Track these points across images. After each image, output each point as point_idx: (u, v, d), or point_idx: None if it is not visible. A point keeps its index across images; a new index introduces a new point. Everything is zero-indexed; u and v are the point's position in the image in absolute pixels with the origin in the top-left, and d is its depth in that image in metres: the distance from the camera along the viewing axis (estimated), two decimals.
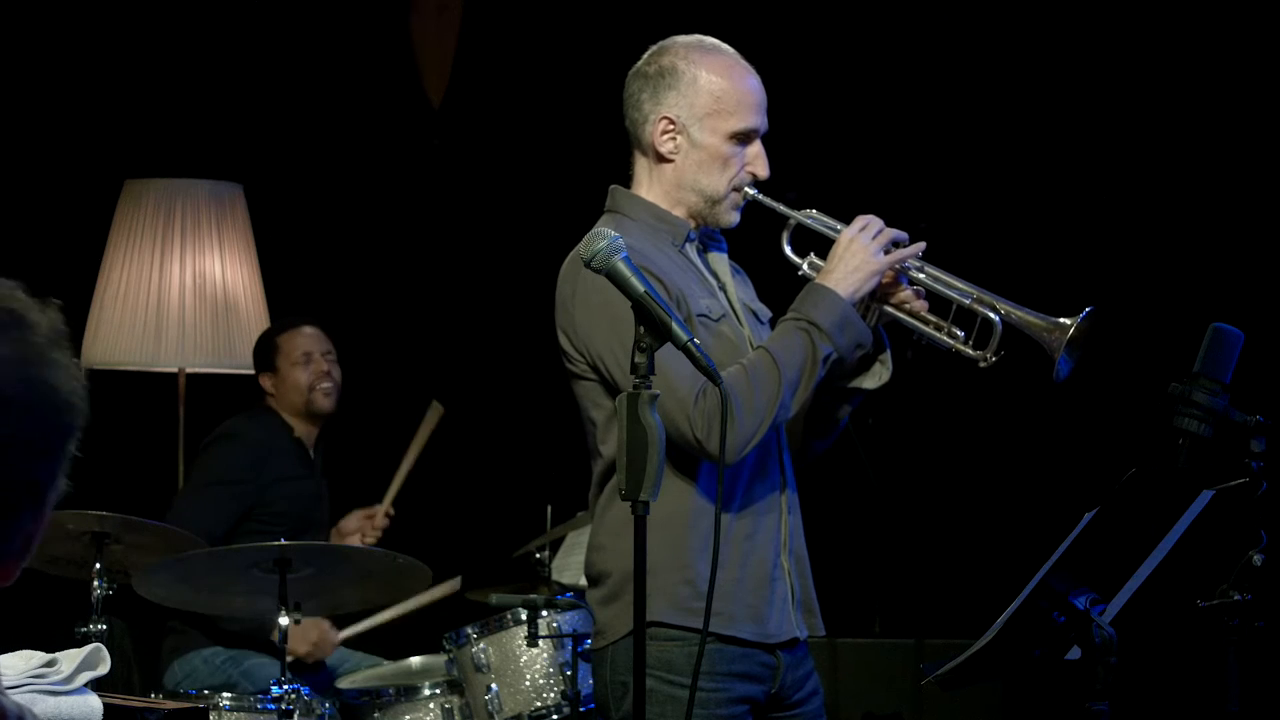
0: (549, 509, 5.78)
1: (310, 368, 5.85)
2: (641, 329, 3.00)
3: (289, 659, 4.83)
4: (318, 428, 5.90)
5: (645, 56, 3.65)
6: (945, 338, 3.56)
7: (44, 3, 6.94)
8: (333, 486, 6.01)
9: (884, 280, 3.56)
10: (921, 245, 3.58)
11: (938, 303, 3.59)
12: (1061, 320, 3.49)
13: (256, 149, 7.09)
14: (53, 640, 3.15)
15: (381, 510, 5.96)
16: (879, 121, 6.82)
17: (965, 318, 3.55)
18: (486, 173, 7.31)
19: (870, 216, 3.58)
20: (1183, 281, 6.32)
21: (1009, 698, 6.03)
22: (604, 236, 3.08)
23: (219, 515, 5.61)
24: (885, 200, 3.65)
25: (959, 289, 3.56)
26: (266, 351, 5.92)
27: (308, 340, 5.89)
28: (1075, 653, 3.40)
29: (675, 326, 3.00)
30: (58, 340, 1.74)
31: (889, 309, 3.59)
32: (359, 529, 5.92)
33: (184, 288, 6.29)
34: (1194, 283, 6.27)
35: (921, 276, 3.58)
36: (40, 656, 2.90)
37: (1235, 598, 3.40)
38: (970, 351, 3.53)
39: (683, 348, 3.01)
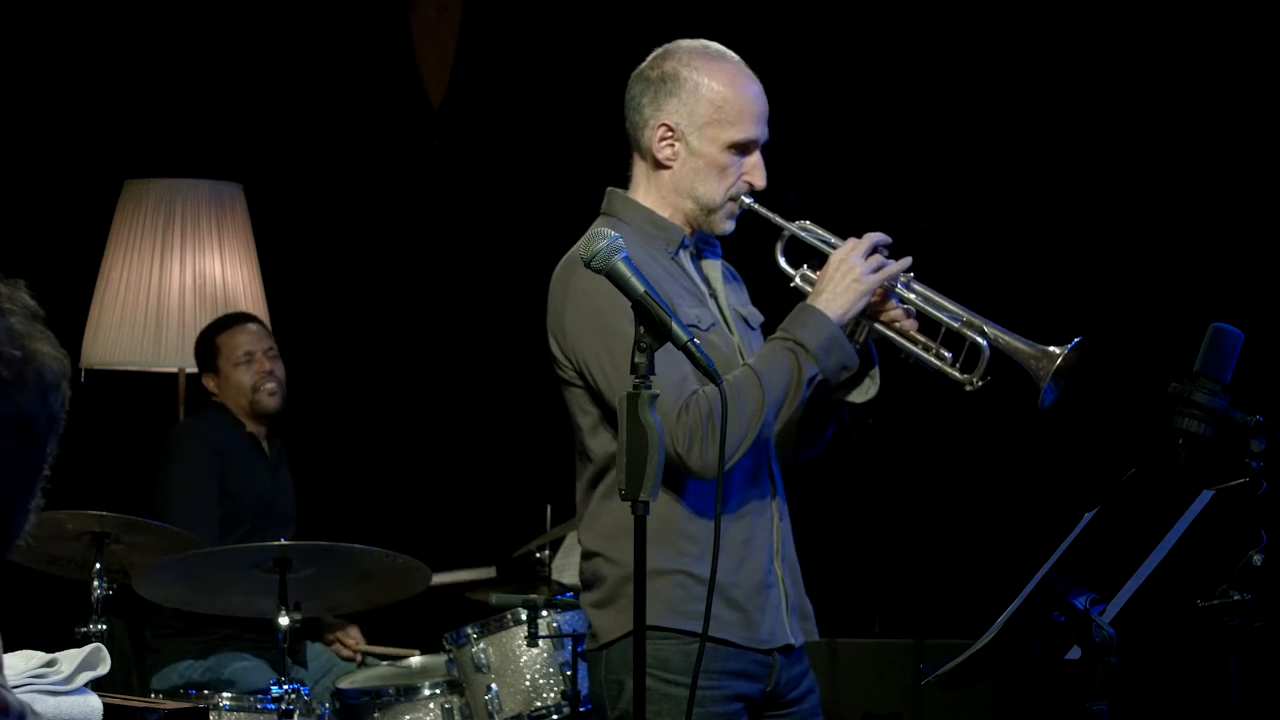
0: (549, 509, 5.78)
1: (252, 367, 5.76)
2: (641, 329, 3.01)
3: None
4: (267, 425, 5.86)
5: (649, 59, 3.64)
6: (933, 359, 3.56)
7: (44, 3, 6.94)
8: (300, 480, 5.97)
9: (874, 297, 3.57)
10: (907, 261, 3.58)
11: (927, 325, 3.59)
12: (1050, 349, 3.49)
13: (256, 149, 7.08)
14: (53, 640, 3.15)
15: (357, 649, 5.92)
16: (878, 123, 6.81)
17: (954, 340, 3.55)
18: (486, 173, 7.30)
19: (863, 238, 3.57)
20: (1183, 281, 6.32)
21: (1009, 698, 6.03)
22: (604, 237, 3.08)
23: (211, 510, 5.60)
24: (885, 200, 3.65)
25: (949, 310, 3.57)
26: (207, 352, 5.84)
27: (248, 338, 5.80)
28: (1075, 653, 3.41)
29: (675, 326, 3.00)
30: (36, 318, 1.70)
31: (879, 326, 3.60)
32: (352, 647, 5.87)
33: (184, 288, 6.29)
34: (1194, 283, 6.27)
35: (911, 295, 3.59)
36: (40, 656, 2.90)
37: (1235, 598, 3.40)
38: (957, 374, 3.54)
39: (683, 348, 3.01)
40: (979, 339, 3.52)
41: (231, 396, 5.79)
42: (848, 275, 3.54)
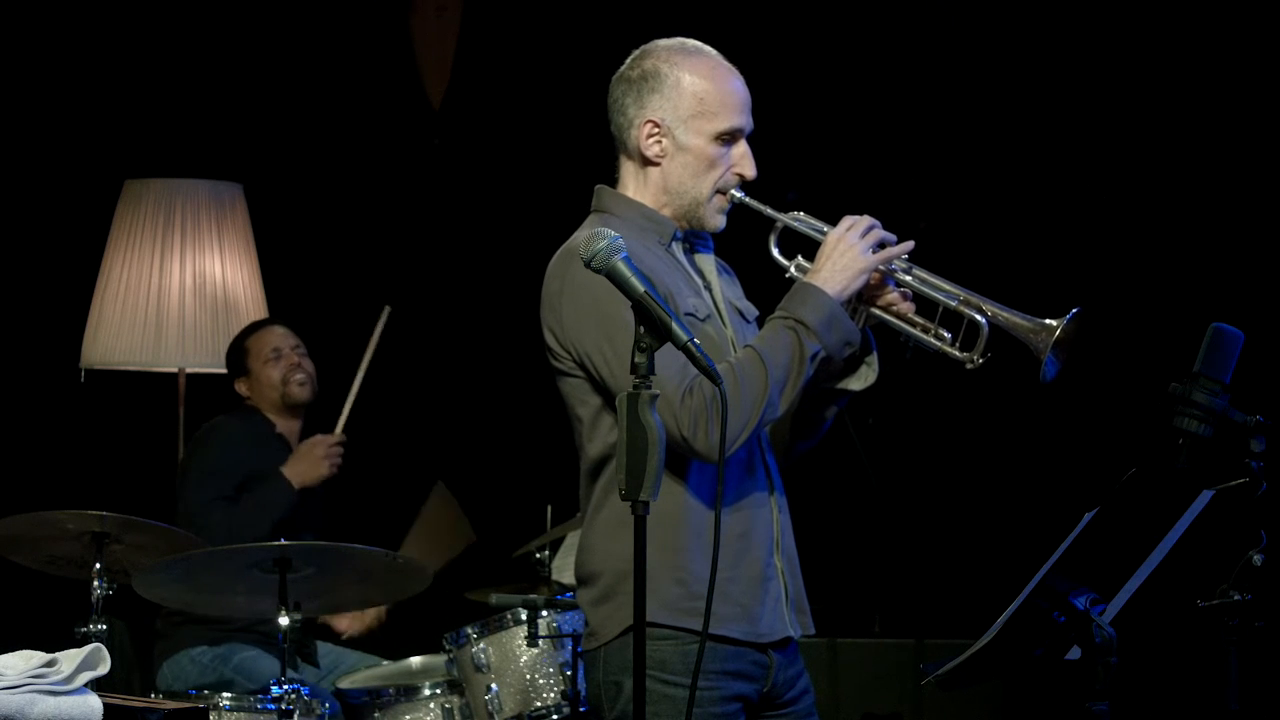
0: (549, 509, 5.78)
1: (281, 362, 5.85)
2: (642, 329, 3.00)
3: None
4: (299, 421, 5.90)
5: (628, 61, 3.65)
6: (932, 339, 3.56)
7: (44, 3, 6.95)
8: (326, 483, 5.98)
9: (871, 281, 3.56)
10: (909, 245, 3.57)
11: (925, 305, 3.59)
12: (1048, 321, 3.49)
13: (256, 149, 7.09)
14: (53, 640, 3.15)
15: (336, 438, 5.90)
16: (877, 121, 6.82)
17: (952, 319, 3.54)
18: (486, 173, 7.31)
19: (858, 216, 3.58)
20: (1183, 281, 6.32)
21: (1009, 698, 6.03)
22: (604, 236, 3.08)
23: (221, 504, 5.62)
24: (883, 200, 3.65)
25: (946, 290, 3.56)
26: (237, 356, 5.93)
27: (276, 337, 5.90)
28: (1075, 653, 3.41)
29: (675, 326, 3.00)
30: None
31: (876, 310, 3.59)
32: (327, 456, 5.85)
33: (184, 288, 6.30)
34: (1194, 283, 6.27)
35: (908, 278, 3.58)
36: (40, 656, 2.91)
37: (1235, 598, 3.40)
38: (957, 353, 3.53)
39: (683, 347, 3.01)
40: (977, 316, 3.51)
41: (263, 394, 5.86)
42: (846, 253, 3.53)
